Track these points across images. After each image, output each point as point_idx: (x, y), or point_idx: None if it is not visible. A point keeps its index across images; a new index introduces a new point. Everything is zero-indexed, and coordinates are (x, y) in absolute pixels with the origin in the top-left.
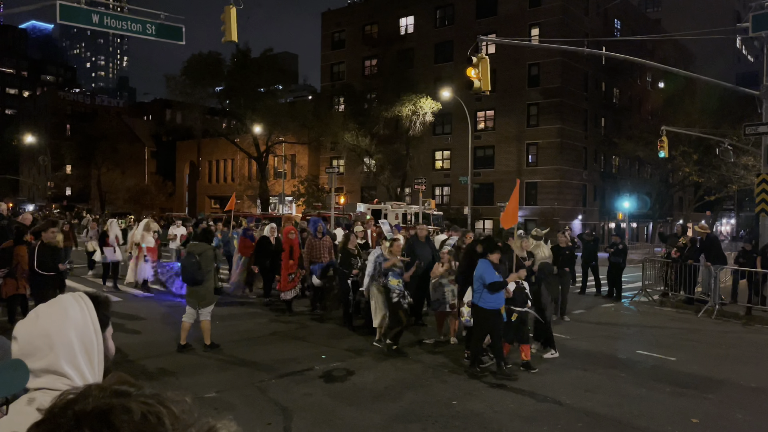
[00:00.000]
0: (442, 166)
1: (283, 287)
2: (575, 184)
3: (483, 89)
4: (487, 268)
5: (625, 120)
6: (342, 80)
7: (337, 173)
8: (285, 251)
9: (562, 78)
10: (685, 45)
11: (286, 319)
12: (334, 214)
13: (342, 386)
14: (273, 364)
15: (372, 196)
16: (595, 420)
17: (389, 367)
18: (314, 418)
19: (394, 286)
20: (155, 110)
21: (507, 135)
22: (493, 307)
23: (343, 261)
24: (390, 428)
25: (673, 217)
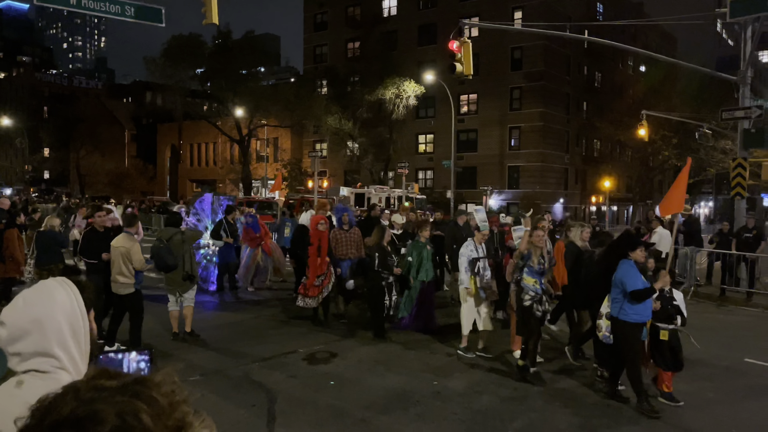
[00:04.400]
0: (425, 150)
1: (309, 290)
2: (557, 168)
3: (465, 73)
4: (629, 270)
5: (607, 104)
6: (325, 62)
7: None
8: (313, 246)
9: (545, 62)
10: (667, 29)
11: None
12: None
13: (325, 368)
14: (259, 349)
15: (355, 179)
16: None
17: (371, 349)
18: (298, 400)
19: (529, 286)
20: (135, 92)
21: (490, 118)
22: (639, 320)
23: (381, 263)
24: (372, 408)
25: (653, 200)
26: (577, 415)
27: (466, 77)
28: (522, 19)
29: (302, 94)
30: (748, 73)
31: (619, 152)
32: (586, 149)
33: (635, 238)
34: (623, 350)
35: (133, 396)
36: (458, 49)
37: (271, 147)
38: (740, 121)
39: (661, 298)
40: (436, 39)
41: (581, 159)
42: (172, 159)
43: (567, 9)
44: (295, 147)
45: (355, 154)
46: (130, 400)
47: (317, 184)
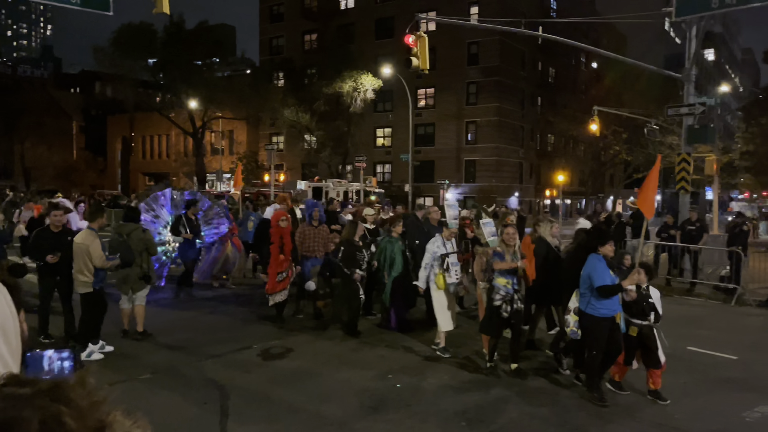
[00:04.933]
0: (383, 144)
1: (270, 288)
2: (512, 162)
3: (421, 68)
4: (597, 264)
5: (560, 99)
6: (281, 54)
7: (276, 150)
8: (274, 243)
9: (501, 57)
10: (617, 27)
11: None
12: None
13: (280, 363)
14: (213, 345)
15: (313, 173)
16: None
17: (327, 343)
18: (251, 396)
19: (501, 286)
20: (83, 82)
21: (447, 113)
22: (607, 314)
23: (345, 257)
24: (327, 403)
25: (604, 193)
26: (555, 414)
27: (422, 72)
28: (478, 14)
29: (258, 86)
30: (693, 71)
31: (572, 147)
32: (540, 144)
33: (605, 232)
34: (588, 343)
35: (53, 399)
36: (414, 43)
37: (227, 140)
38: (684, 117)
39: (637, 295)
40: (394, 33)
41: (536, 153)
42: (123, 151)
43: (522, 5)
44: (251, 140)
45: (312, 147)
46: (50, 403)
47: (274, 177)
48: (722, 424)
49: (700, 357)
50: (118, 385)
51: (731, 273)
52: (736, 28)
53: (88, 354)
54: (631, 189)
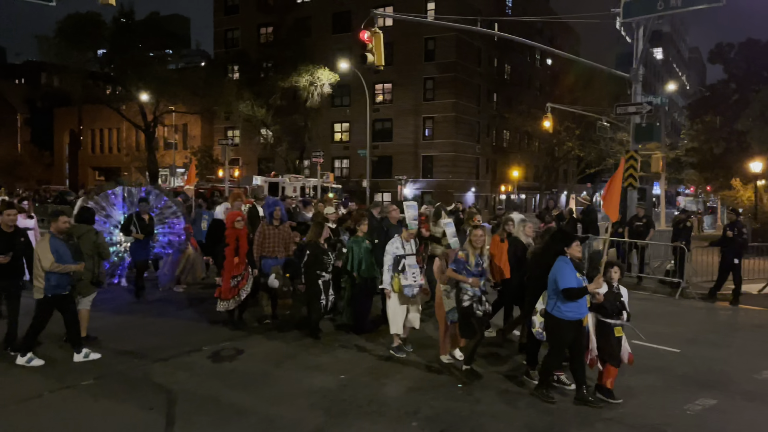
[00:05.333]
0: (341, 139)
1: (223, 293)
2: (469, 158)
3: (376, 64)
4: (563, 267)
5: (516, 96)
6: (237, 47)
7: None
8: (230, 246)
9: (457, 53)
10: (571, 25)
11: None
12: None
13: (231, 366)
14: (161, 348)
15: (269, 168)
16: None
17: (279, 344)
18: (200, 400)
19: (467, 287)
20: (28, 73)
21: (404, 108)
22: (572, 317)
23: (312, 260)
24: (278, 404)
25: (558, 188)
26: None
27: (377, 68)
28: (435, 11)
29: (212, 80)
30: (640, 70)
31: (527, 143)
32: (496, 139)
33: (571, 234)
34: (552, 344)
35: None
36: (369, 39)
37: (180, 134)
38: (632, 116)
39: (610, 294)
40: (351, 27)
41: (492, 149)
42: (71, 145)
43: (478, 2)
44: (205, 134)
45: (269, 142)
46: None
47: (228, 173)
48: (665, 417)
49: (645, 351)
50: (58, 392)
51: (676, 267)
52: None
53: (28, 360)
54: (583, 184)
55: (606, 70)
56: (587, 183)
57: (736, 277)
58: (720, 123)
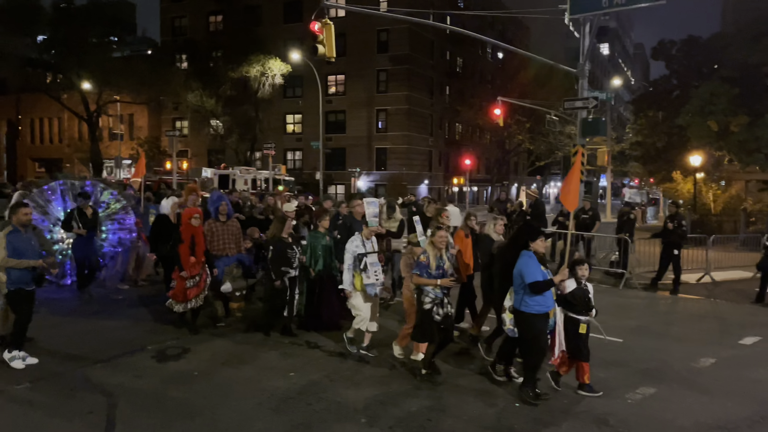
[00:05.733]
0: (293, 130)
1: (178, 295)
2: (422, 150)
3: (327, 56)
4: (528, 261)
5: (468, 88)
6: (184, 36)
7: (180, 136)
8: (185, 243)
9: (410, 45)
10: (521, 19)
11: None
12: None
13: (175, 366)
14: (102, 349)
15: (219, 160)
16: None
17: (226, 342)
18: (142, 403)
19: (429, 289)
20: None
21: (357, 100)
22: (541, 311)
23: (276, 255)
24: (224, 405)
25: (509, 180)
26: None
27: (329, 59)
28: (387, 2)
29: (159, 69)
30: (586, 66)
31: (478, 135)
32: (448, 132)
33: (536, 229)
34: (527, 341)
35: None
36: (320, 30)
37: (125, 124)
38: (579, 111)
39: (578, 291)
40: (302, 17)
41: (444, 142)
42: (9, 135)
43: None
44: (152, 125)
45: (218, 133)
46: None
47: (176, 165)
48: (608, 407)
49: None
50: None
51: (620, 258)
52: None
53: (11, 359)
54: (533, 176)
55: (554, 65)
56: (537, 175)
57: (676, 268)
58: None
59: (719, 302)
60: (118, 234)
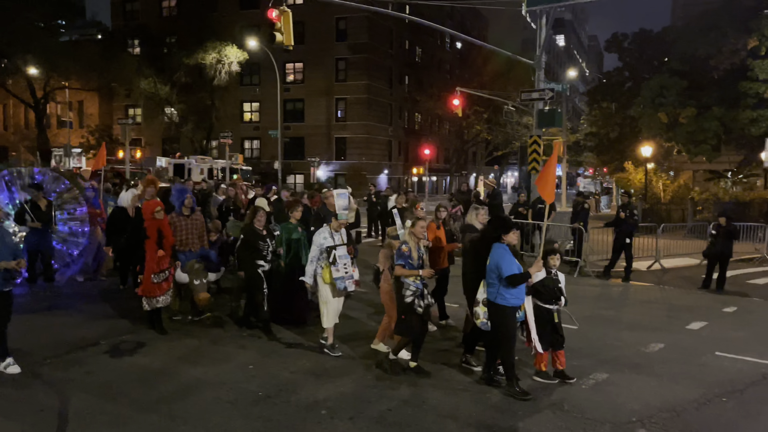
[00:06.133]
0: (251, 119)
1: (146, 290)
2: (381, 140)
3: (285, 44)
4: (503, 254)
5: (427, 78)
6: (137, 20)
7: (133, 124)
8: (151, 238)
9: (369, 34)
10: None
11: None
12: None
13: (130, 360)
14: (53, 344)
15: (175, 149)
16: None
17: (183, 336)
18: (96, 399)
19: (410, 282)
20: None
21: (316, 89)
22: (517, 303)
23: (245, 245)
24: (182, 400)
25: (467, 170)
26: (447, 405)
27: (287, 47)
28: None
29: (110, 54)
30: (543, 58)
31: (437, 125)
32: (408, 122)
33: (508, 221)
34: (500, 334)
35: None
36: (278, 18)
37: (75, 111)
38: (535, 102)
39: (548, 280)
40: (259, 4)
41: (404, 131)
42: None
43: None
44: (103, 112)
45: (173, 121)
46: None
47: (129, 154)
48: (563, 393)
49: None
50: None
51: (574, 247)
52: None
53: (5, 366)
54: (491, 166)
55: (512, 57)
56: (495, 165)
57: (628, 256)
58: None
59: (668, 289)
60: (69, 224)
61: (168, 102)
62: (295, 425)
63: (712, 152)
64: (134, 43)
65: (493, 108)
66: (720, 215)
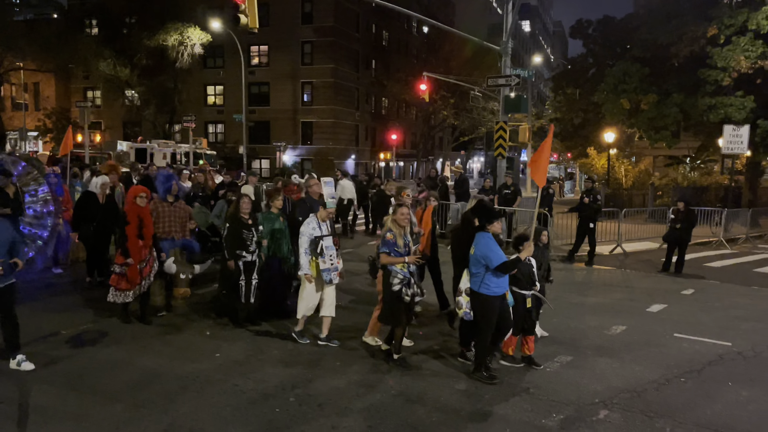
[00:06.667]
0: (214, 102)
1: (120, 282)
2: (348, 125)
3: (250, 26)
4: (489, 244)
5: (393, 63)
6: None
7: (92, 107)
8: (131, 224)
9: (335, 17)
10: None
11: None
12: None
13: (93, 350)
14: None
15: (136, 133)
16: None
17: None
18: (57, 391)
19: (397, 270)
20: None
21: (282, 72)
22: (500, 292)
23: (231, 235)
24: (145, 390)
25: (434, 156)
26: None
27: (251, 30)
28: None
29: (66, 34)
30: (509, 44)
31: (404, 110)
32: (375, 107)
33: (493, 210)
34: (481, 322)
35: None
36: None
37: (30, 93)
38: (501, 88)
39: (523, 266)
40: None
41: (371, 116)
42: None
43: None
44: (60, 94)
45: (134, 104)
46: None
47: (89, 137)
48: (530, 377)
49: None
50: None
51: None
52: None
53: (18, 363)
54: (458, 151)
55: (478, 42)
56: (461, 150)
57: (591, 240)
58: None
59: (629, 272)
60: (32, 207)
61: (129, 85)
62: (264, 413)
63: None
64: (92, 23)
65: (459, 93)
66: (678, 200)
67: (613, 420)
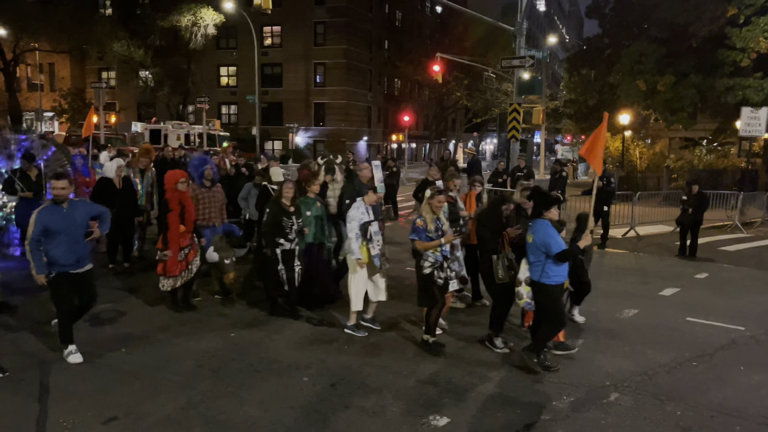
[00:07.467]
0: (228, 83)
1: (169, 269)
2: (361, 106)
3: (264, 6)
4: (548, 230)
5: (407, 43)
6: None
7: (107, 88)
8: (173, 212)
9: None
10: None
11: None
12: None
13: (111, 330)
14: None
15: (150, 114)
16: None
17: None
18: (77, 369)
19: (428, 253)
20: None
21: (294, 53)
22: (560, 281)
23: (271, 222)
24: (163, 369)
25: (447, 137)
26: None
27: (265, 11)
28: None
29: (81, 16)
30: (524, 24)
31: (417, 91)
32: (387, 88)
33: (550, 196)
34: (549, 313)
35: None
36: None
37: (46, 74)
38: (516, 69)
39: None
40: None
41: (383, 97)
42: None
43: None
44: (75, 75)
45: (148, 85)
46: None
47: (104, 118)
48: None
49: None
50: None
51: None
52: None
53: (67, 354)
54: (470, 133)
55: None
56: (474, 132)
57: (605, 223)
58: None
59: (643, 256)
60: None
61: (143, 65)
62: (278, 392)
63: (689, 120)
64: (106, 3)
65: (472, 74)
66: (692, 183)
67: (623, 403)
